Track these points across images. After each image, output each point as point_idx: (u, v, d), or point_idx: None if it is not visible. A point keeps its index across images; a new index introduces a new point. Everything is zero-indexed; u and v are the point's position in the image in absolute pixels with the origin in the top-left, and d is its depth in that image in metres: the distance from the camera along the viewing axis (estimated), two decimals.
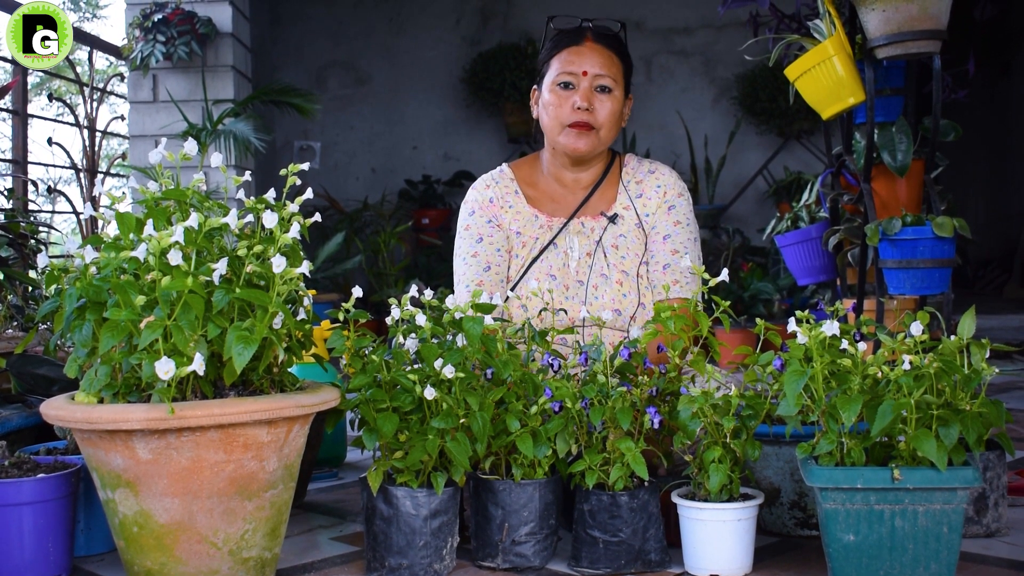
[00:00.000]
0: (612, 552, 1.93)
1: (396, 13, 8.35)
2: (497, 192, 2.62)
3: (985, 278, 9.63)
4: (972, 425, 1.75)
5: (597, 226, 2.57)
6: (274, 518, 1.84)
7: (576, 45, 2.52)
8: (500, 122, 8.18)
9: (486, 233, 2.58)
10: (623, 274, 2.52)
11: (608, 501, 1.93)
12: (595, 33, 2.54)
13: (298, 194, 1.94)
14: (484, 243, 2.57)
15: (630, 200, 2.59)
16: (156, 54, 5.55)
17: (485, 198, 2.62)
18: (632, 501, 1.93)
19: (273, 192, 1.96)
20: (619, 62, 2.54)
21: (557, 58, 2.53)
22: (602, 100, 2.49)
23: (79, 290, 1.76)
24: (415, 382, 1.91)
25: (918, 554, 1.77)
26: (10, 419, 2.38)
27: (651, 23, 8.18)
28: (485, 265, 2.54)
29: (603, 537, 1.93)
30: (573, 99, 2.48)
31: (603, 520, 1.93)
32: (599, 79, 2.49)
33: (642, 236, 2.56)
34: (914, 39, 3.22)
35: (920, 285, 3.37)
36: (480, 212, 2.61)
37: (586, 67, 2.49)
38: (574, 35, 2.54)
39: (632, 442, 1.92)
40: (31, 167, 5.50)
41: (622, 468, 1.92)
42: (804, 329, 1.83)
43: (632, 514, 1.92)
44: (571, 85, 2.50)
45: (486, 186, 2.65)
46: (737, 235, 7.17)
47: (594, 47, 2.51)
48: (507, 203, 2.61)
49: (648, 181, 2.60)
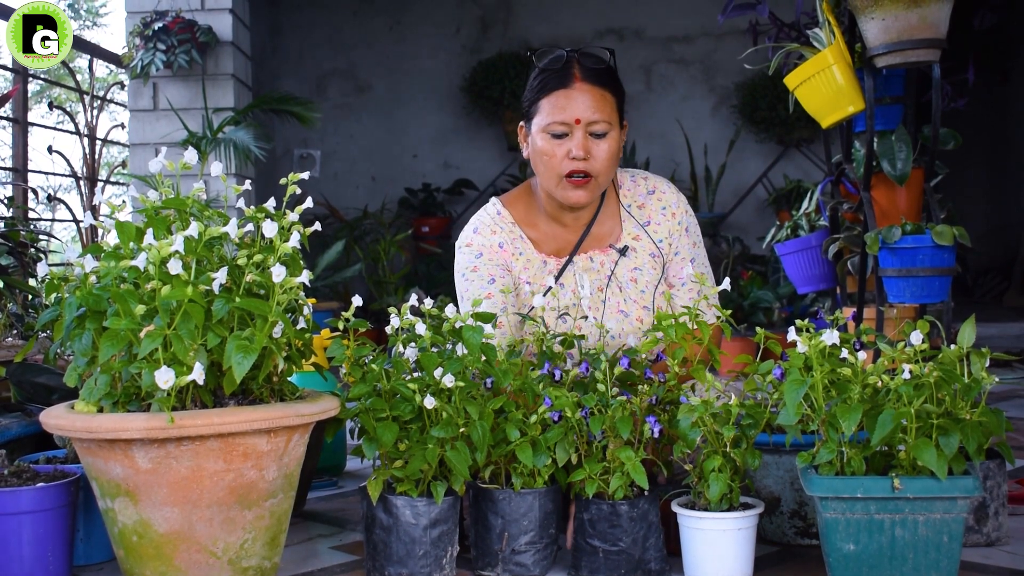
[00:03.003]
0: (612, 562, 1.92)
1: (396, 22, 8.36)
2: (505, 238, 2.47)
3: (985, 286, 9.63)
4: (972, 434, 1.75)
5: (607, 260, 2.46)
6: (274, 527, 1.84)
7: (564, 88, 2.33)
8: (500, 130, 8.18)
9: (498, 275, 2.43)
10: (644, 310, 2.43)
11: (608, 510, 1.92)
12: (583, 70, 2.35)
13: (298, 203, 1.94)
14: (497, 284, 2.42)
15: (640, 229, 2.49)
16: (156, 62, 5.55)
17: (494, 243, 2.46)
18: (632, 510, 1.92)
19: (273, 201, 1.96)
20: (612, 98, 2.37)
21: (546, 101, 2.35)
22: (598, 144, 2.34)
23: (79, 299, 1.76)
24: (415, 391, 1.91)
25: (918, 563, 1.77)
26: (9, 428, 2.38)
27: (650, 31, 8.19)
28: (501, 307, 2.39)
29: (603, 547, 1.92)
30: (568, 148, 2.33)
31: (603, 529, 1.92)
32: (593, 125, 2.32)
33: (658, 266, 2.47)
34: (913, 48, 3.22)
35: (920, 293, 3.37)
36: (489, 255, 2.45)
37: (578, 114, 2.32)
38: (561, 76, 2.35)
39: (632, 451, 1.92)
40: (31, 175, 5.50)
41: (622, 477, 1.92)
42: (804, 338, 1.83)
43: (632, 523, 1.92)
44: (564, 134, 2.34)
45: (491, 231, 2.48)
46: (737, 243, 7.17)
47: (584, 88, 2.33)
48: (517, 250, 2.47)
49: (651, 204, 2.50)
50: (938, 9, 3.19)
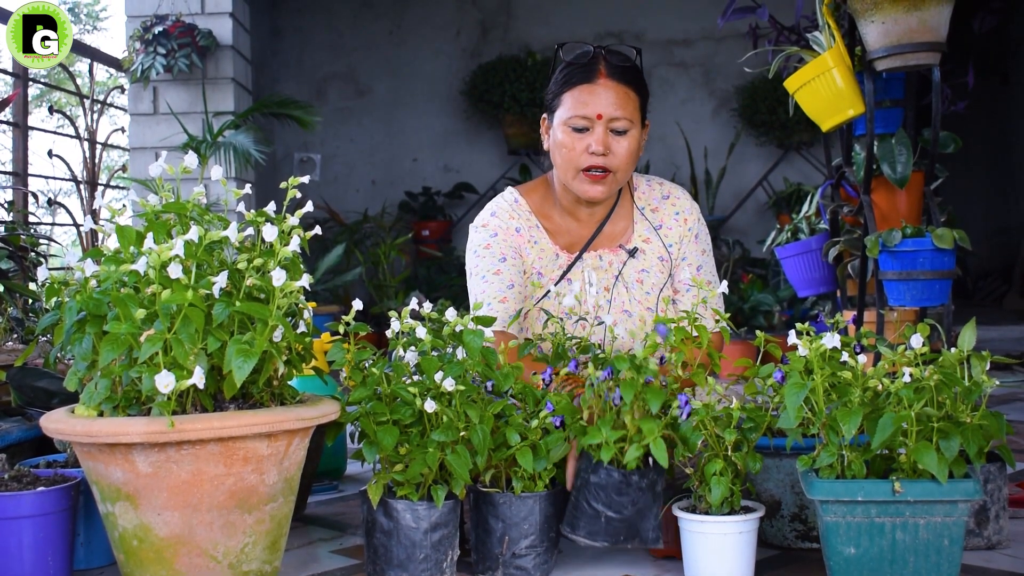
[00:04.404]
0: (613, 528, 1.91)
1: (396, 25, 8.37)
2: (522, 224, 2.49)
3: (985, 289, 9.64)
4: (973, 437, 1.75)
5: (616, 259, 2.48)
6: (274, 531, 1.84)
7: (589, 83, 2.35)
8: (500, 134, 8.19)
9: (510, 255, 2.44)
10: (648, 311, 2.45)
11: (619, 479, 1.89)
12: (609, 67, 2.36)
13: (298, 207, 1.94)
14: (508, 263, 2.43)
15: (652, 232, 2.50)
16: (156, 66, 5.56)
17: (511, 227, 2.48)
18: (642, 480, 1.90)
19: (273, 204, 1.96)
20: (635, 96, 2.38)
21: (569, 95, 2.37)
22: (619, 141, 2.35)
23: (79, 303, 1.76)
24: (415, 395, 1.91)
25: (919, 567, 1.77)
26: (10, 432, 2.38)
27: (651, 35, 8.20)
28: (509, 283, 2.40)
29: (607, 512, 1.90)
30: (588, 143, 2.34)
31: (609, 496, 1.90)
32: (615, 122, 2.34)
33: (665, 270, 2.49)
34: (913, 51, 3.22)
35: (920, 297, 3.37)
36: (504, 236, 2.46)
37: (600, 109, 2.33)
38: (586, 71, 2.36)
39: (657, 426, 1.88)
40: (31, 179, 5.51)
41: (640, 449, 1.88)
42: (804, 341, 1.83)
43: (640, 493, 1.90)
44: (585, 128, 2.35)
45: (509, 216, 2.49)
46: (737, 247, 7.18)
47: (608, 84, 2.34)
48: (532, 238, 2.48)
49: (664, 208, 2.52)
50: (938, 12, 3.20)
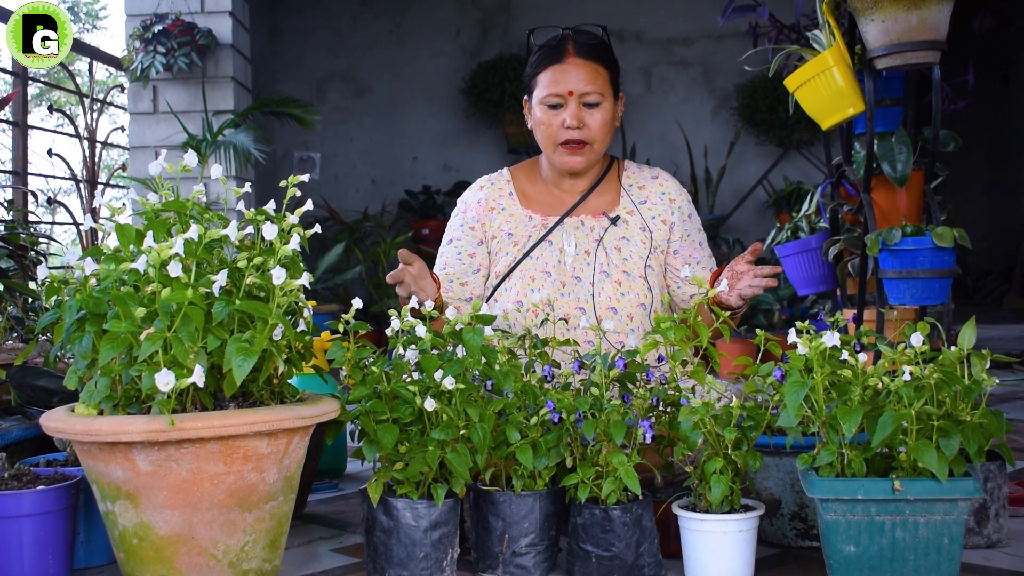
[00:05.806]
0: (605, 567, 1.91)
1: (396, 25, 8.37)
2: (490, 193, 2.68)
3: (985, 288, 9.63)
4: (973, 436, 1.75)
5: (598, 225, 2.61)
6: (274, 530, 1.84)
7: (559, 63, 2.53)
8: (500, 133, 8.18)
9: (456, 236, 2.67)
10: (624, 274, 2.56)
11: (600, 515, 1.91)
12: (576, 46, 2.54)
13: (298, 205, 1.94)
14: (452, 245, 2.66)
15: (634, 205, 2.64)
16: (156, 65, 5.56)
17: (474, 200, 2.69)
18: (625, 515, 1.91)
19: (273, 203, 1.96)
20: (604, 71, 2.55)
21: (543, 75, 2.55)
22: (592, 114, 2.53)
23: (79, 302, 1.76)
24: (415, 393, 1.91)
25: (919, 565, 1.77)
26: (10, 431, 2.37)
27: (650, 34, 8.20)
28: (442, 266, 2.64)
29: (595, 551, 1.91)
30: (563, 118, 2.52)
31: (595, 534, 1.91)
32: (586, 96, 2.52)
33: (648, 240, 2.60)
34: (913, 50, 3.22)
35: (920, 295, 3.36)
36: (463, 211, 2.69)
37: (571, 86, 2.51)
38: (556, 51, 2.55)
39: (625, 456, 1.91)
40: (31, 178, 5.50)
41: (615, 482, 1.91)
42: (804, 340, 1.83)
43: (625, 528, 1.91)
44: (559, 105, 2.53)
45: (480, 187, 2.71)
46: (737, 245, 7.17)
47: (577, 62, 2.52)
48: (499, 205, 2.66)
49: (651, 187, 2.66)
50: (938, 11, 3.20)
